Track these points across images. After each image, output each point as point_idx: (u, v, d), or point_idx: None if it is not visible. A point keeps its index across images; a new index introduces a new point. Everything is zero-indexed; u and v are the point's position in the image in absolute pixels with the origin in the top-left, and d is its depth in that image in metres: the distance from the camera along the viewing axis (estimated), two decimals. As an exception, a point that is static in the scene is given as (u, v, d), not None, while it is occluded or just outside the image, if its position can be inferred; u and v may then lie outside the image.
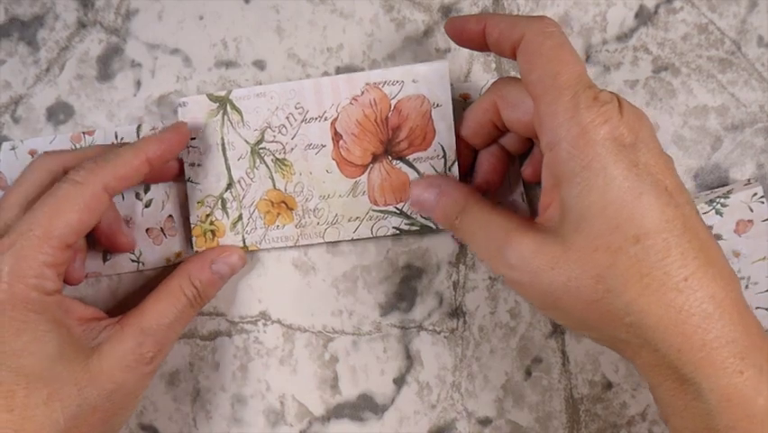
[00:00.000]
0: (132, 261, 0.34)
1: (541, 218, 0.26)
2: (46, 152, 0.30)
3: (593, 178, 0.23)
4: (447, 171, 0.32)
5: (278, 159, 0.32)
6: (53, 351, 0.27)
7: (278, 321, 0.34)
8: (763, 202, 0.31)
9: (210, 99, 0.33)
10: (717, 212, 0.32)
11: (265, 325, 0.34)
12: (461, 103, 0.33)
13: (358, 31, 0.35)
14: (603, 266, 0.23)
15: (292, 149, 0.32)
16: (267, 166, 0.32)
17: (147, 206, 0.34)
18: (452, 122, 0.32)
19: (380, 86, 0.32)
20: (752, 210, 0.31)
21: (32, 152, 0.34)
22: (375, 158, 0.32)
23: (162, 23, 0.35)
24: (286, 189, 0.32)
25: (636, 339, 0.23)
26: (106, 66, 0.35)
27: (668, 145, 0.34)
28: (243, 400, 0.34)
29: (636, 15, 0.34)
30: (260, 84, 0.34)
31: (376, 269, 0.34)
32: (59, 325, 0.27)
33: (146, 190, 0.34)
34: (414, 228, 0.32)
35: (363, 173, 0.32)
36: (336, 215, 0.32)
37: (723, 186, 0.33)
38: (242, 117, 0.32)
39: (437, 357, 0.34)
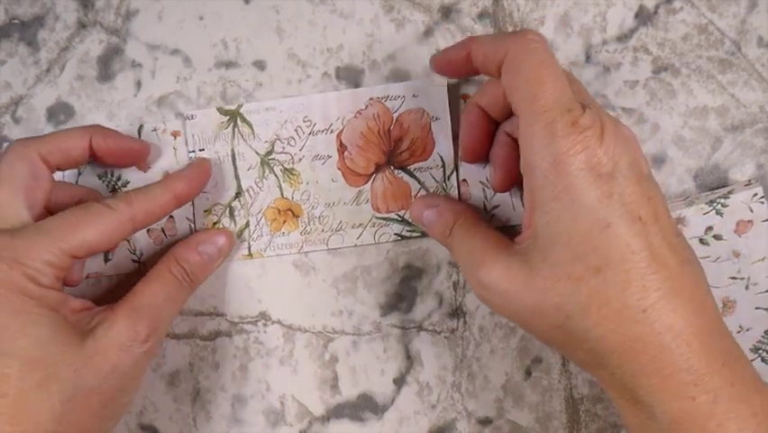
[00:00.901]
0: (134, 261, 0.34)
1: (518, 239, 0.27)
2: (19, 141, 0.30)
3: (563, 209, 0.24)
4: (446, 180, 0.33)
5: (286, 169, 0.34)
6: (47, 334, 0.27)
7: (279, 321, 0.34)
8: (763, 202, 0.31)
9: (220, 112, 0.34)
10: (718, 212, 0.32)
11: (265, 325, 0.34)
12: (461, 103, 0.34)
13: (358, 31, 0.35)
14: (565, 294, 0.24)
15: (300, 159, 0.34)
16: (275, 176, 0.34)
17: None
18: (451, 133, 0.33)
19: (383, 100, 0.33)
20: (752, 211, 0.32)
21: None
22: (378, 168, 0.34)
23: (162, 23, 0.35)
24: (293, 198, 0.34)
25: (595, 361, 0.25)
26: (107, 66, 0.35)
27: (668, 145, 0.34)
28: (243, 400, 0.34)
29: (636, 16, 0.34)
30: (261, 84, 0.34)
31: (376, 269, 0.34)
32: (53, 310, 0.27)
33: None
34: (414, 234, 0.34)
35: (367, 182, 0.34)
36: (340, 222, 0.34)
37: (723, 186, 0.33)
38: (252, 130, 0.34)
39: (437, 357, 0.34)
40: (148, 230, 0.34)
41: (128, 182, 0.34)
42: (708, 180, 0.34)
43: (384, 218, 0.34)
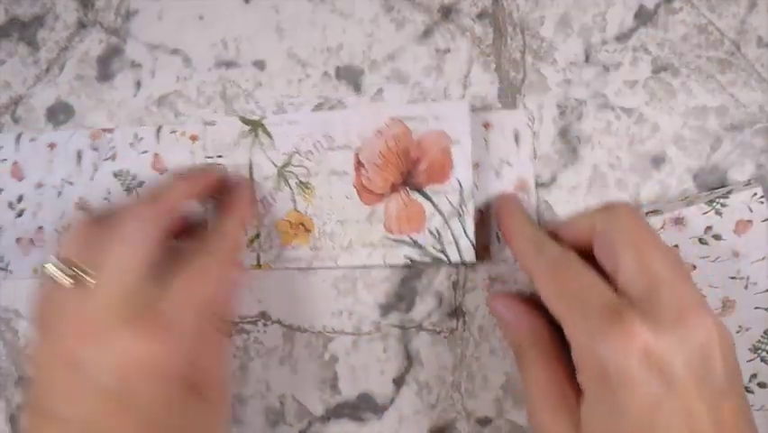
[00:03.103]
0: None
1: (571, 388, 0.26)
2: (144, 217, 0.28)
3: (608, 414, 0.23)
4: (462, 207, 0.32)
5: (301, 182, 0.34)
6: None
7: (279, 321, 0.34)
8: (762, 202, 0.31)
9: (243, 122, 0.34)
10: (717, 212, 0.32)
11: (265, 325, 0.34)
12: (483, 132, 0.34)
13: (358, 31, 0.35)
14: None
15: (316, 173, 0.33)
16: (290, 188, 0.34)
17: None
18: (470, 158, 0.33)
19: (404, 120, 0.33)
20: (751, 210, 0.31)
21: (52, 145, 0.35)
22: (394, 188, 0.33)
23: (162, 23, 0.35)
24: (306, 212, 0.33)
25: None
26: (106, 66, 0.35)
27: (667, 145, 0.34)
28: (243, 400, 0.34)
29: (636, 15, 0.34)
30: (261, 84, 0.34)
31: (376, 269, 0.34)
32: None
33: None
34: (425, 260, 0.33)
35: (381, 201, 0.33)
36: (351, 240, 0.33)
37: (723, 186, 0.33)
38: (272, 141, 0.34)
39: (437, 357, 0.34)
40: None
41: (143, 182, 0.34)
42: (708, 180, 0.34)
43: (395, 240, 0.33)
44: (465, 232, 0.32)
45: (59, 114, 0.35)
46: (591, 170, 0.34)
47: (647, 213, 0.32)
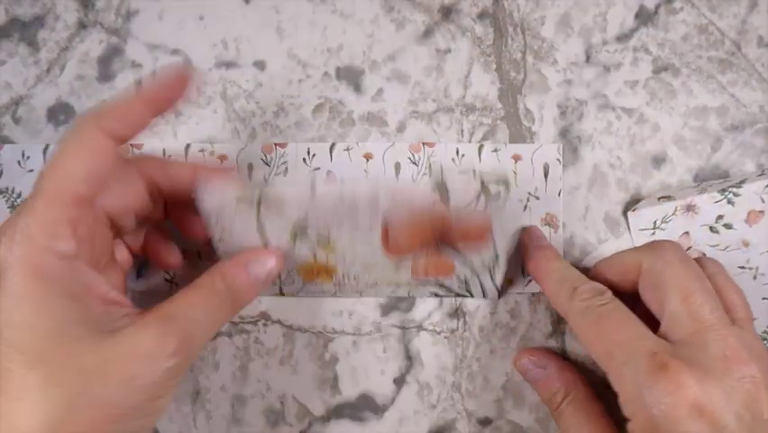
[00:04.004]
0: (166, 279, 0.34)
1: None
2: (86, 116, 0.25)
3: None
4: (495, 264, 0.30)
5: (321, 235, 0.30)
6: (58, 327, 0.23)
7: (279, 321, 0.34)
8: None
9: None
10: (729, 201, 0.32)
11: (265, 325, 0.34)
12: (512, 165, 0.33)
13: (358, 31, 0.35)
14: None
15: (338, 227, 0.29)
16: (310, 241, 0.30)
17: None
18: (507, 223, 0.31)
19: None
20: (763, 201, 0.31)
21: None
22: (423, 244, 0.30)
23: (162, 23, 0.35)
24: (327, 261, 0.31)
25: None
26: (107, 66, 0.35)
27: (668, 145, 0.34)
28: (243, 400, 0.34)
29: (636, 16, 0.34)
30: (261, 85, 0.34)
31: (376, 269, 0.34)
32: (72, 299, 0.23)
33: None
34: (449, 294, 0.33)
35: (408, 256, 0.31)
36: (376, 281, 0.32)
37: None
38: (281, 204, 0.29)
39: (437, 357, 0.34)
40: (183, 251, 0.32)
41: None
42: (709, 180, 0.34)
43: (422, 282, 0.32)
44: (493, 281, 0.31)
45: (60, 114, 0.35)
46: (592, 170, 0.34)
47: (659, 198, 0.32)
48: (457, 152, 0.34)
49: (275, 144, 0.34)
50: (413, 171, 0.33)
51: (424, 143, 0.34)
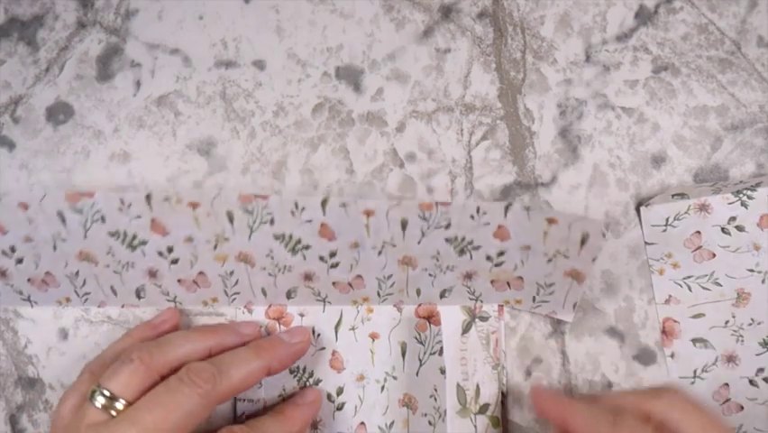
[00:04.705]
0: (168, 300, 0.33)
1: None
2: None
3: None
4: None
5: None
6: None
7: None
8: None
9: None
10: (743, 204, 0.32)
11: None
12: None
13: (358, 31, 0.35)
14: None
15: None
16: None
17: (174, 262, 0.32)
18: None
19: None
20: None
21: (23, 205, 0.30)
22: None
23: (162, 23, 0.35)
24: None
25: None
26: (106, 66, 0.35)
27: (668, 145, 0.34)
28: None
29: (636, 15, 0.34)
30: (260, 84, 0.34)
31: (376, 269, 0.34)
32: None
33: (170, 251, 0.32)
34: None
35: None
36: None
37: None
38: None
39: (437, 357, 0.34)
40: (178, 280, 0.32)
41: (146, 241, 0.31)
42: (709, 180, 0.34)
43: None
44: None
45: (59, 114, 0.35)
46: (592, 170, 0.34)
47: (673, 195, 0.32)
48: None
49: (255, 196, 0.30)
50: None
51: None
